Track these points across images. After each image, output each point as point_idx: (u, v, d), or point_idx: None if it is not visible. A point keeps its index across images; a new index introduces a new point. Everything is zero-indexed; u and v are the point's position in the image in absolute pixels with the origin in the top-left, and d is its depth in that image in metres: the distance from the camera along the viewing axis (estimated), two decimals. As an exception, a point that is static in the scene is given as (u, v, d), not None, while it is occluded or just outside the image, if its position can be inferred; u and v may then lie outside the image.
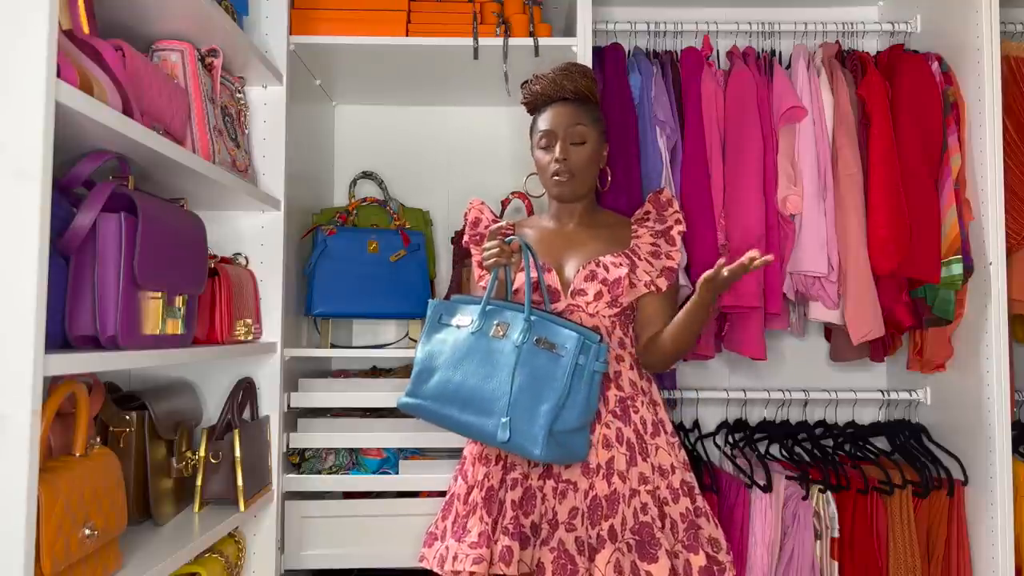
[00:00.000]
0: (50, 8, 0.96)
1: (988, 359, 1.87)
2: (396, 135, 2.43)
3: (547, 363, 1.42)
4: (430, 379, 1.49)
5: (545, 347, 1.43)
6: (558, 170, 1.61)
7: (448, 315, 1.54)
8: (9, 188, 0.94)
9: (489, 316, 1.49)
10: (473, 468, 1.58)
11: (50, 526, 0.99)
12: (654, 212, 1.68)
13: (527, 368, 1.42)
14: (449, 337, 1.51)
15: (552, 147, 1.62)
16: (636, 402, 1.55)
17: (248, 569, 1.80)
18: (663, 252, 1.63)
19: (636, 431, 1.53)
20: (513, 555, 1.42)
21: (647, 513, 1.48)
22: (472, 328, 1.48)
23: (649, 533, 1.46)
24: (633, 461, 1.50)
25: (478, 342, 1.47)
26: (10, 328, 0.93)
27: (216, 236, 1.78)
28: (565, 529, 1.46)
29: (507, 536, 1.44)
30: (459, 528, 1.53)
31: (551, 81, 1.64)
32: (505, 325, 1.47)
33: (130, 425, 1.46)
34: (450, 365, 1.47)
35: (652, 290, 1.59)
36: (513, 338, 1.45)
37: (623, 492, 1.48)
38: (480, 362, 1.45)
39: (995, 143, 1.87)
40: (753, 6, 2.26)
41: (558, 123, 1.62)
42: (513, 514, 1.46)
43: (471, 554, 1.45)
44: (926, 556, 1.94)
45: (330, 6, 1.94)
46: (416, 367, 1.52)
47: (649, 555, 1.44)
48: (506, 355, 1.44)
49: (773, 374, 2.30)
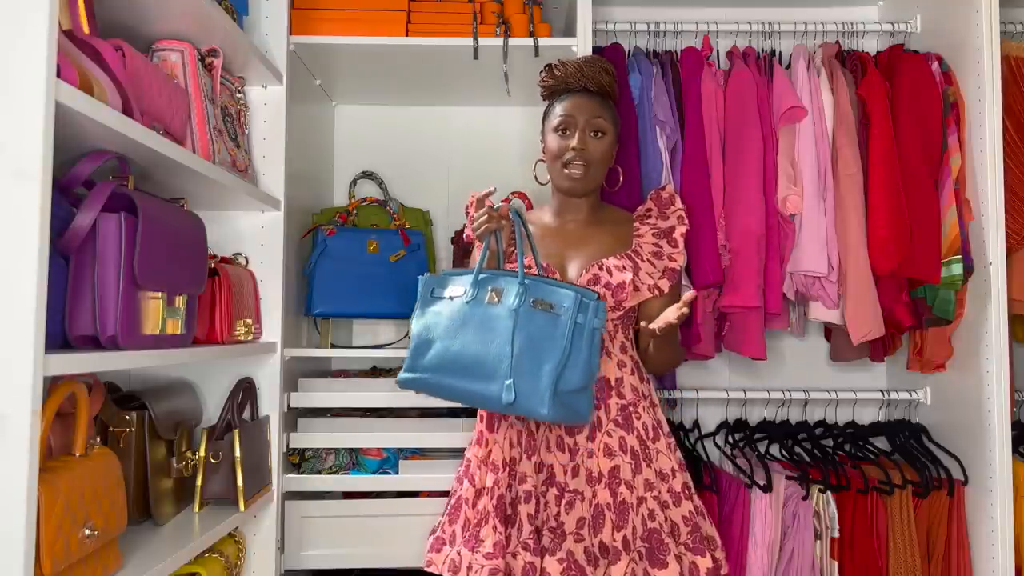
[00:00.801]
0: (50, 8, 0.96)
1: (988, 359, 1.87)
2: (396, 135, 2.43)
3: (546, 324, 1.40)
4: (428, 351, 1.45)
5: (542, 308, 1.41)
6: (573, 159, 1.57)
7: (440, 288, 1.51)
8: (9, 188, 0.94)
9: (482, 284, 1.46)
10: (480, 472, 1.57)
11: (50, 526, 0.99)
12: (656, 210, 1.66)
13: (526, 331, 1.40)
14: (444, 309, 1.48)
15: (570, 134, 1.58)
16: (638, 408, 1.54)
17: (248, 569, 1.80)
18: (665, 253, 1.61)
19: (639, 437, 1.52)
20: (536, 570, 1.42)
21: (655, 519, 1.47)
22: (466, 297, 1.45)
23: (658, 539, 1.46)
24: (638, 469, 1.50)
25: (474, 310, 1.44)
26: (10, 328, 0.93)
27: (216, 236, 1.78)
28: (574, 540, 1.45)
29: (528, 552, 1.44)
30: (471, 536, 1.51)
31: (578, 69, 1.60)
32: (500, 291, 1.44)
33: (130, 425, 1.46)
34: (448, 335, 1.44)
35: (655, 294, 1.59)
36: (509, 302, 1.42)
37: (631, 501, 1.47)
38: (478, 329, 1.42)
39: (995, 143, 1.87)
40: (753, 6, 2.26)
41: (579, 112, 1.58)
42: (531, 528, 1.46)
43: (487, 565, 1.44)
44: (926, 556, 1.94)
45: (330, 6, 1.94)
46: (413, 341, 1.49)
47: (659, 561, 1.44)
48: (503, 320, 1.41)
49: (773, 374, 2.30)
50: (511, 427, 1.55)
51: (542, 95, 1.68)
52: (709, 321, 1.96)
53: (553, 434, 1.53)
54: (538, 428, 1.53)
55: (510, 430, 1.55)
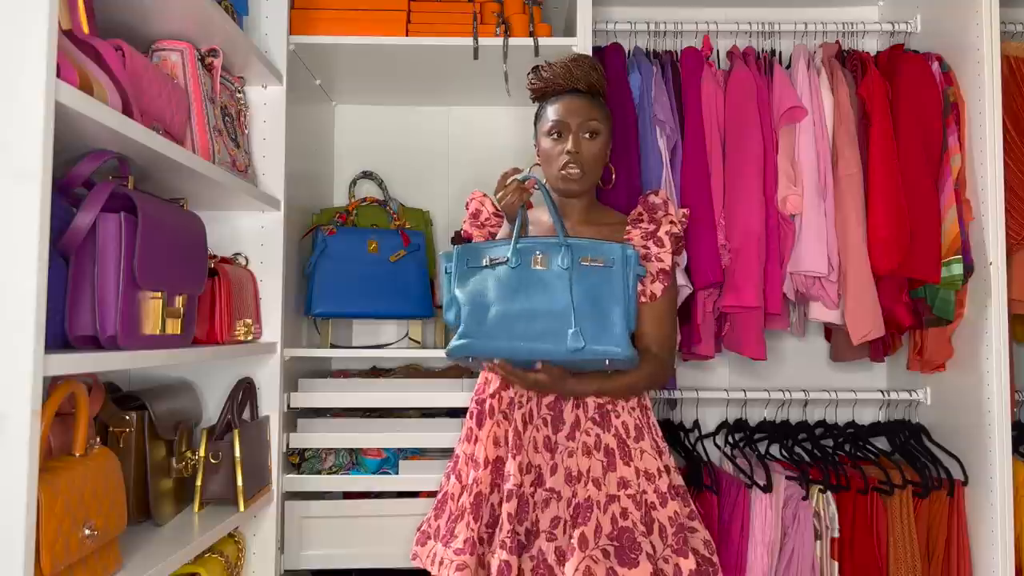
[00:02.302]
0: (50, 8, 0.96)
1: (988, 359, 1.87)
2: (396, 135, 2.43)
3: (600, 277, 1.47)
4: (487, 315, 1.46)
5: (591, 263, 1.47)
6: (568, 162, 1.56)
7: (475, 258, 1.52)
8: (9, 188, 0.94)
9: (523, 252, 1.49)
10: (466, 468, 1.57)
11: (50, 526, 0.99)
12: (646, 214, 1.63)
13: (583, 285, 1.45)
14: (488, 275, 1.49)
15: (563, 138, 1.57)
16: (617, 407, 1.53)
17: (248, 569, 1.80)
18: (652, 254, 1.57)
19: (618, 436, 1.51)
20: (512, 569, 1.42)
21: (627, 518, 1.46)
22: (512, 264, 1.48)
23: (630, 538, 1.44)
24: (612, 467, 1.49)
25: (523, 273, 1.47)
26: (10, 328, 0.93)
27: (216, 236, 1.78)
28: (546, 539, 1.45)
29: (505, 551, 1.43)
30: (448, 532, 1.52)
31: (565, 70, 1.59)
32: (543, 255, 1.48)
33: (130, 425, 1.46)
34: (503, 298, 1.46)
35: (646, 299, 1.55)
36: (557, 262, 1.47)
37: (597, 499, 1.46)
38: (534, 289, 1.46)
39: (995, 143, 1.87)
40: (753, 6, 2.26)
41: (572, 114, 1.57)
42: (510, 527, 1.45)
43: (455, 560, 1.45)
44: (926, 556, 1.94)
45: (330, 6, 1.94)
46: (465, 307, 1.48)
47: (629, 560, 1.42)
48: (557, 279, 1.46)
49: (773, 374, 2.30)
50: (497, 425, 1.55)
51: (531, 98, 1.67)
52: (709, 321, 1.96)
53: (540, 434, 1.52)
54: (525, 428, 1.52)
55: (496, 428, 1.55)
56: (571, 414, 1.52)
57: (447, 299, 1.53)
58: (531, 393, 1.54)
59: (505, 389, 1.57)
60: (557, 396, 1.53)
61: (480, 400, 1.61)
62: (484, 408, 1.58)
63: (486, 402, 1.58)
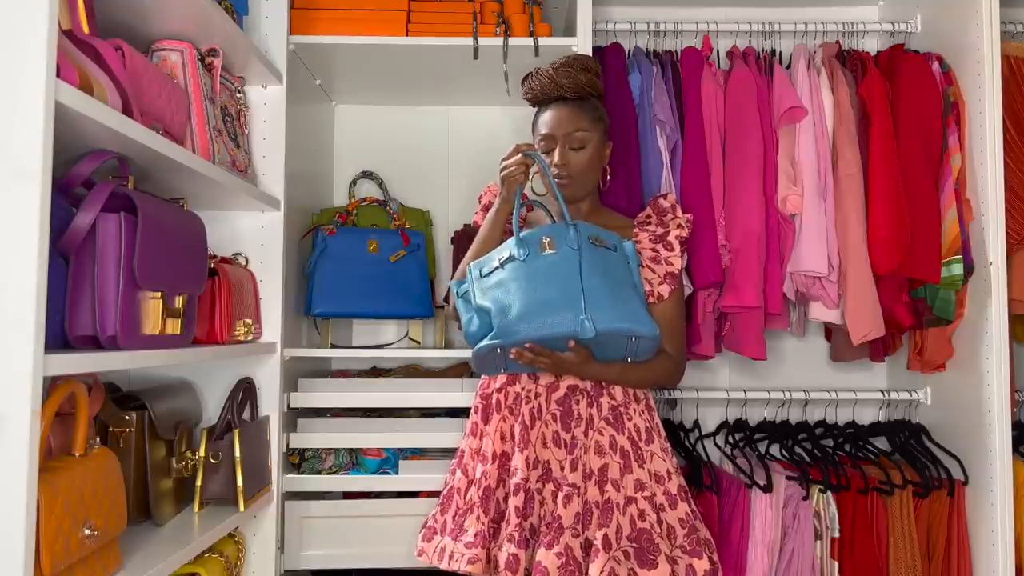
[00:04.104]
0: (50, 8, 0.95)
1: (988, 359, 1.87)
2: (396, 135, 2.43)
3: (609, 258, 1.49)
4: (511, 310, 1.45)
5: (600, 244, 1.49)
6: (557, 174, 1.60)
7: (485, 266, 1.53)
8: (9, 188, 0.94)
9: (530, 243, 1.49)
10: (472, 463, 1.58)
11: (50, 526, 0.99)
12: (655, 217, 1.66)
13: (595, 264, 1.46)
14: (502, 275, 1.49)
15: (551, 150, 1.61)
16: (629, 409, 1.54)
17: (248, 569, 1.80)
18: (662, 257, 1.61)
19: (631, 438, 1.52)
20: (520, 563, 1.43)
21: (645, 520, 1.47)
22: (521, 257, 1.48)
23: (648, 539, 1.45)
24: (628, 468, 1.50)
25: (535, 263, 1.47)
26: (10, 328, 0.93)
27: (216, 236, 1.78)
28: (572, 535, 1.45)
29: (513, 544, 1.44)
30: (457, 526, 1.53)
31: (550, 79, 1.61)
32: (549, 239, 1.48)
33: (130, 425, 1.45)
34: (523, 291, 1.45)
35: (654, 300, 1.58)
36: (567, 244, 1.47)
37: (617, 501, 1.47)
38: (549, 275, 1.45)
39: (995, 143, 1.87)
40: (753, 6, 2.26)
41: (557, 127, 1.60)
42: (517, 521, 1.46)
43: (467, 554, 1.46)
44: (926, 556, 1.94)
45: (330, 6, 1.94)
46: (494, 305, 1.46)
47: (648, 561, 1.44)
48: (567, 260, 1.46)
49: (773, 374, 2.30)
50: (504, 420, 1.56)
51: (529, 104, 1.70)
52: (709, 321, 1.96)
53: (549, 430, 1.53)
54: (533, 423, 1.53)
55: (503, 423, 1.56)
56: (585, 411, 1.53)
57: (466, 318, 1.52)
58: (539, 388, 1.55)
59: (511, 384, 1.57)
60: (567, 392, 1.53)
61: (486, 395, 1.61)
62: (491, 403, 1.59)
63: (492, 396, 1.59)
